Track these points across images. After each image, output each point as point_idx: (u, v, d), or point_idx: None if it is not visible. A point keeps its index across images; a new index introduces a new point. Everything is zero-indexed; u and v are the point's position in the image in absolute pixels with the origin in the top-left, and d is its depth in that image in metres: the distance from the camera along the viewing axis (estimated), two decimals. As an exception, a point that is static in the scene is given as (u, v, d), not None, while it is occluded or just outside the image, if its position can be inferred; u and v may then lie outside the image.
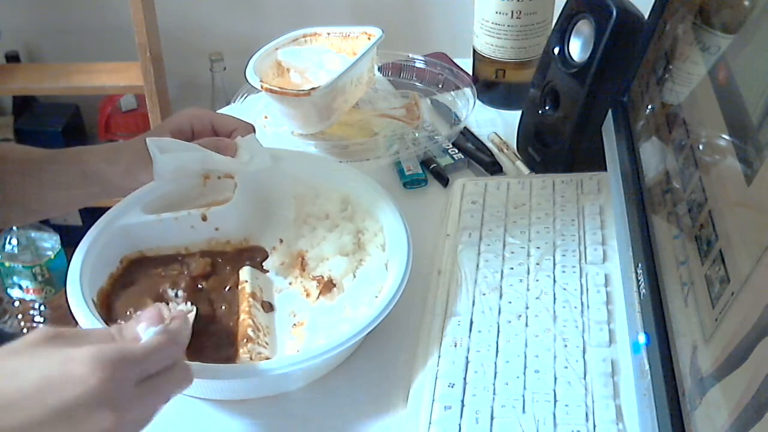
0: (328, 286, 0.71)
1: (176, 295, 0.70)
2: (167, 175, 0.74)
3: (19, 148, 0.79)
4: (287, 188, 0.79)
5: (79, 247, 0.70)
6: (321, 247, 0.74)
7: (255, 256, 0.76)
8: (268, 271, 0.75)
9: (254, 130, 0.79)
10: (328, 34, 0.95)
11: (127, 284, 0.71)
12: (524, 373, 0.63)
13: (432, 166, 0.91)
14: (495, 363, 0.64)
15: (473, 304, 0.70)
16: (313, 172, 0.79)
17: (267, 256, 0.75)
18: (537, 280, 0.71)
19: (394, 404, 0.64)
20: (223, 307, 0.70)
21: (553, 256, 0.74)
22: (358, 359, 0.68)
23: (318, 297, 0.71)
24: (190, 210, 0.75)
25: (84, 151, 0.78)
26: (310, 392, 0.66)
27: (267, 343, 0.67)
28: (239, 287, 0.72)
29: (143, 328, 0.54)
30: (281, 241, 0.76)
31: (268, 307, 0.71)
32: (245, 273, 0.73)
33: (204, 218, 0.75)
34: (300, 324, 0.69)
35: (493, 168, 0.91)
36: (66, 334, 0.50)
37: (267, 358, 0.65)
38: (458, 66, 1.06)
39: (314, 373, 0.66)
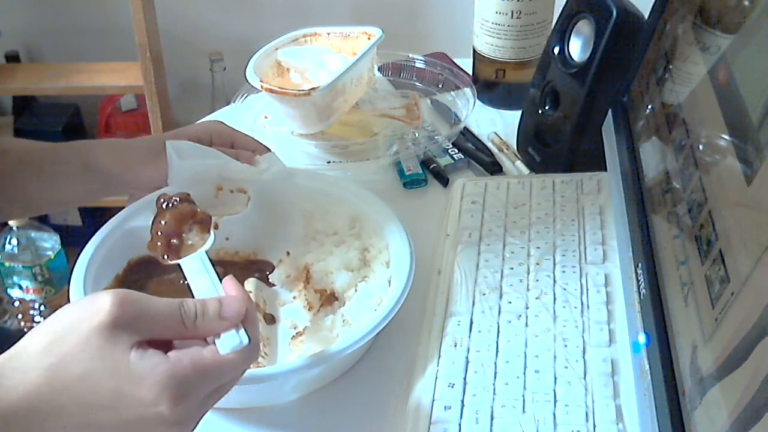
0: (329, 299, 0.71)
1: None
2: (182, 182, 0.73)
3: (21, 142, 0.78)
4: (298, 204, 0.78)
5: (86, 247, 0.69)
6: (327, 262, 0.73)
7: (263, 269, 0.76)
8: (274, 285, 0.74)
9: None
10: (328, 34, 0.95)
11: (132, 287, 0.71)
12: (524, 373, 0.63)
13: (432, 166, 0.91)
14: (495, 363, 0.64)
15: (473, 304, 0.70)
16: (324, 189, 0.78)
17: (274, 270, 0.75)
18: (537, 280, 0.71)
19: (394, 404, 0.64)
20: None
21: (553, 256, 0.74)
22: (358, 359, 0.68)
23: (319, 309, 0.71)
24: None
25: (87, 144, 0.77)
26: (309, 393, 0.66)
27: (266, 354, 0.67)
28: None
29: (225, 328, 0.50)
30: (288, 253, 0.76)
31: (270, 319, 0.71)
32: (250, 284, 0.72)
33: (216, 226, 0.75)
34: (299, 335, 0.69)
35: (493, 168, 0.91)
36: (131, 320, 0.47)
37: None
38: (458, 66, 1.06)
39: (312, 383, 0.66)
